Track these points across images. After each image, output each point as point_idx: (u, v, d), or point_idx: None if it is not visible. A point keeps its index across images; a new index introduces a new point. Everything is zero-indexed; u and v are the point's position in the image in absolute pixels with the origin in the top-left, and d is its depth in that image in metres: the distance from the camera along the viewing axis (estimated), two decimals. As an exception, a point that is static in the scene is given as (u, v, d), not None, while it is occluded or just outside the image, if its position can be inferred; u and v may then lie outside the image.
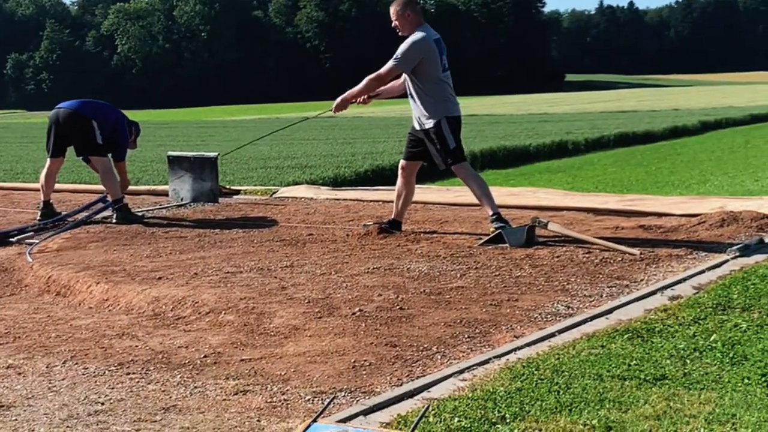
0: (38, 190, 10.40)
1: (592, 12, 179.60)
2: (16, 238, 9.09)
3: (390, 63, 7.95)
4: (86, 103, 10.18)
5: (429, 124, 7.93)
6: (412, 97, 8.06)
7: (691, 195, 12.42)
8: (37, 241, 8.80)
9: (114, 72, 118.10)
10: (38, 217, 9.97)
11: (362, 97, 8.25)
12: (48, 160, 10.17)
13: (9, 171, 19.68)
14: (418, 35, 7.90)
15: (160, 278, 6.78)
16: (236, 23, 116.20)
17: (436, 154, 8.01)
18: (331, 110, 8.37)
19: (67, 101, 10.26)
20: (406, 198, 8.36)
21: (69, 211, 10.40)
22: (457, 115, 8.02)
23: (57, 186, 10.88)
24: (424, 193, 10.81)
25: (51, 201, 10.19)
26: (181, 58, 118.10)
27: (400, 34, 8.06)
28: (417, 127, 8.10)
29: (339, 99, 8.25)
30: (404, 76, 8.06)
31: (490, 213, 7.86)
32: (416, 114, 8.07)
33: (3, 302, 6.72)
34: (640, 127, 33.14)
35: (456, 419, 3.85)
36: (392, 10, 8.04)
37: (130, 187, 10.89)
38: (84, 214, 10.07)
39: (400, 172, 8.37)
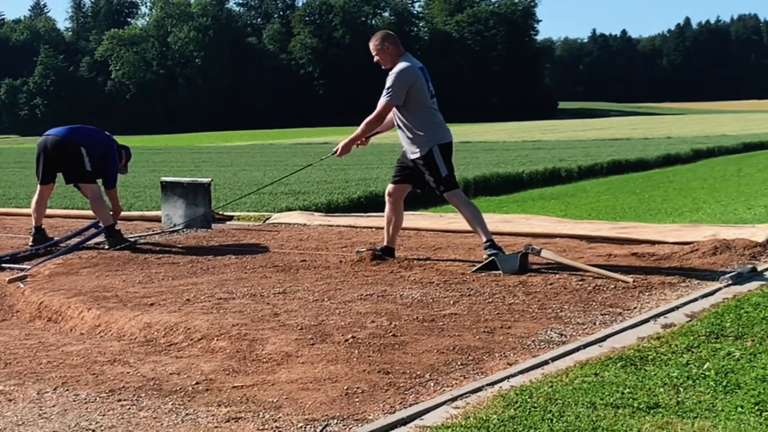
0: (30, 215, 10.38)
1: (585, 40, 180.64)
2: (7, 264, 9.07)
3: (383, 99, 7.99)
4: (74, 129, 10.15)
5: (419, 153, 7.93)
6: (400, 128, 8.06)
7: (684, 223, 12.43)
8: (28, 267, 8.77)
9: (108, 97, 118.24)
10: (30, 243, 9.94)
11: (363, 139, 8.32)
12: (38, 186, 10.15)
13: (1, 196, 19.65)
14: (401, 65, 7.94)
15: (152, 304, 6.76)
16: (230, 49, 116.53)
17: (428, 182, 8.03)
18: (334, 154, 8.41)
19: (56, 128, 10.23)
20: (396, 223, 8.36)
21: (61, 236, 10.37)
22: (448, 141, 8.04)
23: (49, 211, 10.86)
24: (417, 219, 10.82)
25: (43, 227, 10.17)
26: (175, 83, 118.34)
27: (383, 68, 8.10)
28: (408, 157, 8.11)
29: (342, 143, 8.30)
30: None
31: (484, 240, 7.86)
32: (405, 144, 8.08)
33: (-6, 328, 6.69)
34: (633, 155, 33.21)
35: (449, 447, 3.83)
36: (371, 45, 8.10)
37: (123, 213, 10.87)
38: (76, 239, 10.05)
39: (387, 198, 8.37)
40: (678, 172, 29.09)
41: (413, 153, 7.99)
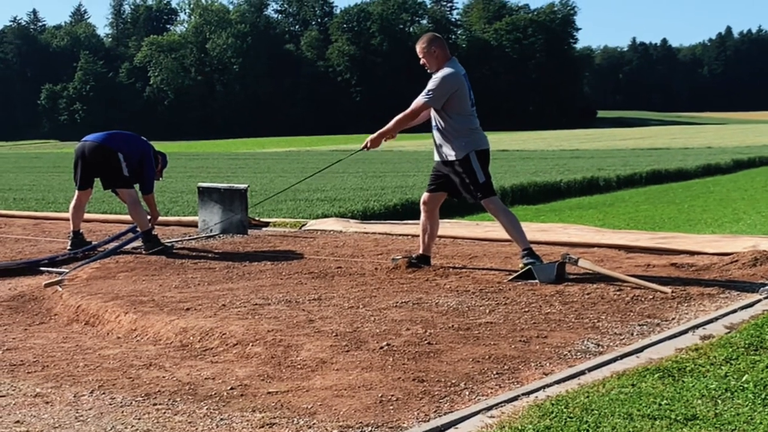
0: (68, 220, 10.46)
1: (625, 49, 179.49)
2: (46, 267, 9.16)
3: (420, 99, 7.94)
4: (112, 135, 10.22)
5: (453, 155, 7.90)
6: (438, 130, 8.03)
7: (724, 233, 12.31)
8: (66, 270, 8.84)
9: (146, 103, 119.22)
10: (68, 247, 10.02)
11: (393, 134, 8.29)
12: (76, 192, 10.23)
13: (41, 200, 19.81)
14: (446, 71, 7.90)
15: (188, 309, 6.78)
16: (268, 56, 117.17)
17: (464, 189, 7.98)
18: (364, 148, 8.38)
19: (93, 134, 10.31)
20: (432, 231, 8.33)
21: (99, 240, 10.45)
22: (485, 148, 8.00)
23: (87, 216, 10.95)
24: (453, 227, 10.80)
25: (81, 231, 10.25)
26: (213, 90, 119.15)
27: (428, 71, 8.07)
28: (438, 159, 8.08)
29: (372, 137, 8.26)
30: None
31: (521, 248, 7.82)
32: (441, 147, 8.04)
33: (32, 331, 6.75)
34: (672, 165, 32.95)
35: (483, 457, 3.80)
36: (418, 47, 8.06)
37: (160, 218, 10.93)
38: (114, 244, 10.12)
39: (422, 207, 8.34)
40: (718, 182, 28.83)
41: (449, 155, 7.96)
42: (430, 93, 7.86)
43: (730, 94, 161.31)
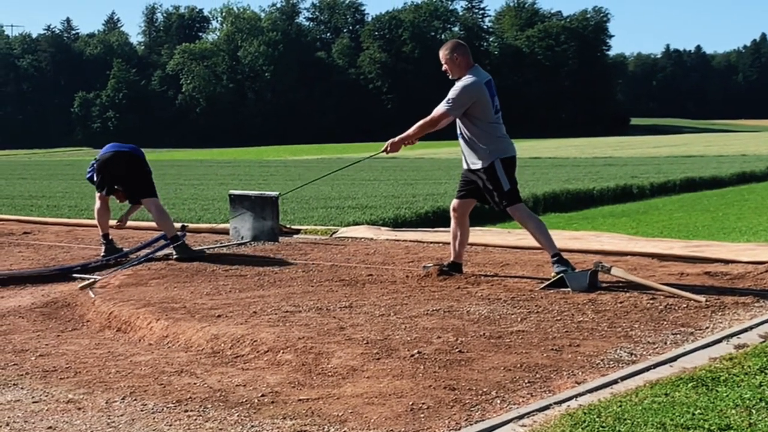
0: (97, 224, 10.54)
1: (659, 56, 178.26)
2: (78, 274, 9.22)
3: (441, 107, 7.93)
4: (135, 147, 10.44)
5: (479, 164, 7.89)
6: (463, 137, 8.02)
7: (759, 242, 12.20)
8: (98, 276, 8.89)
9: (178, 111, 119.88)
10: (102, 253, 10.09)
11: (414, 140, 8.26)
12: (98, 195, 10.36)
13: (74, 207, 19.99)
14: (468, 79, 7.87)
15: (219, 316, 6.80)
16: (299, 64, 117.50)
17: (489, 196, 7.97)
18: (384, 152, 8.35)
19: (115, 144, 10.53)
20: (462, 238, 8.30)
21: (131, 247, 10.51)
22: (510, 155, 7.97)
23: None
24: (485, 235, 10.76)
25: (110, 235, 10.32)
26: (245, 97, 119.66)
27: (450, 77, 8.05)
28: (465, 167, 8.08)
29: (392, 141, 8.23)
30: None
31: (551, 254, 7.79)
32: (466, 154, 8.03)
33: (65, 337, 6.79)
34: (706, 172, 32.75)
35: (515, 466, 3.77)
36: (441, 54, 8.05)
37: (191, 225, 10.98)
38: (145, 251, 10.17)
39: (452, 213, 8.32)
40: (753, 190, 28.60)
41: (474, 164, 7.95)
42: (450, 102, 7.85)
43: (765, 101, 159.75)
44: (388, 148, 8.26)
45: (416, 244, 10.58)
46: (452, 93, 7.87)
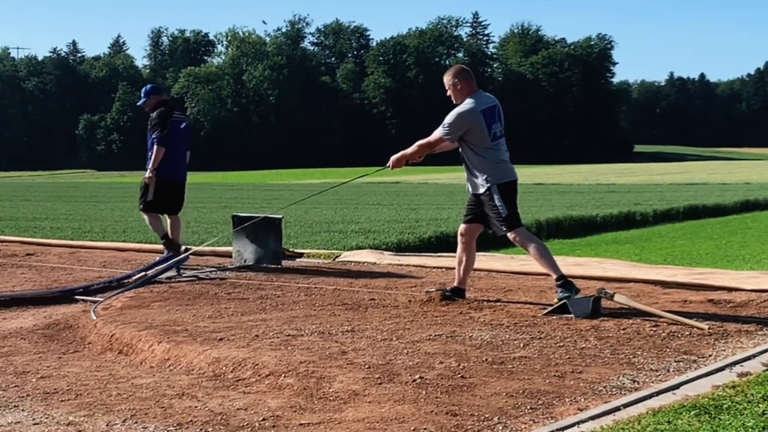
0: (103, 249, 10.68)
1: (662, 83, 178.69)
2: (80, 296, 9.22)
3: (438, 131, 8.08)
4: None
5: (480, 189, 7.98)
6: (464, 162, 8.16)
7: (762, 270, 12.17)
8: (101, 299, 8.89)
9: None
10: (166, 252, 10.82)
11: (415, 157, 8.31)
12: (147, 214, 11.07)
13: (77, 229, 19.94)
14: (464, 107, 7.98)
15: (221, 339, 6.78)
16: (304, 88, 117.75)
17: (490, 221, 8.04)
18: (387, 167, 8.45)
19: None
20: (467, 264, 8.31)
21: (134, 270, 10.51)
22: (508, 180, 8.00)
23: (122, 245, 11.13)
24: (488, 260, 10.75)
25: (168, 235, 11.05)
26: (249, 121, 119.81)
27: (453, 102, 8.14)
28: (470, 191, 8.15)
29: (395, 157, 8.31)
30: None
31: (554, 276, 7.78)
32: (468, 179, 8.13)
33: (66, 359, 6.77)
34: (710, 200, 32.68)
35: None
36: (445, 79, 8.18)
37: (195, 248, 11.02)
38: (152, 271, 10.18)
39: (459, 238, 8.35)
40: (757, 218, 28.54)
41: (475, 188, 8.06)
42: (445, 127, 8.02)
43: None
44: (391, 164, 8.33)
45: (419, 269, 10.58)
46: (448, 118, 8.00)
